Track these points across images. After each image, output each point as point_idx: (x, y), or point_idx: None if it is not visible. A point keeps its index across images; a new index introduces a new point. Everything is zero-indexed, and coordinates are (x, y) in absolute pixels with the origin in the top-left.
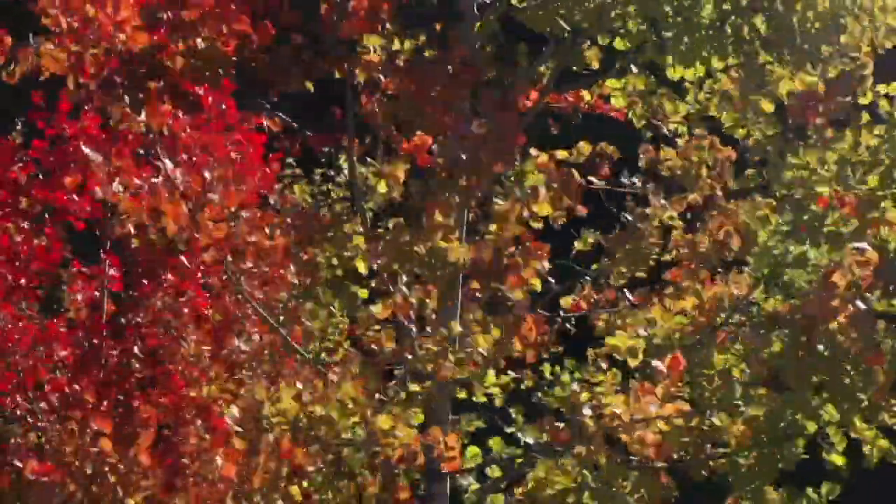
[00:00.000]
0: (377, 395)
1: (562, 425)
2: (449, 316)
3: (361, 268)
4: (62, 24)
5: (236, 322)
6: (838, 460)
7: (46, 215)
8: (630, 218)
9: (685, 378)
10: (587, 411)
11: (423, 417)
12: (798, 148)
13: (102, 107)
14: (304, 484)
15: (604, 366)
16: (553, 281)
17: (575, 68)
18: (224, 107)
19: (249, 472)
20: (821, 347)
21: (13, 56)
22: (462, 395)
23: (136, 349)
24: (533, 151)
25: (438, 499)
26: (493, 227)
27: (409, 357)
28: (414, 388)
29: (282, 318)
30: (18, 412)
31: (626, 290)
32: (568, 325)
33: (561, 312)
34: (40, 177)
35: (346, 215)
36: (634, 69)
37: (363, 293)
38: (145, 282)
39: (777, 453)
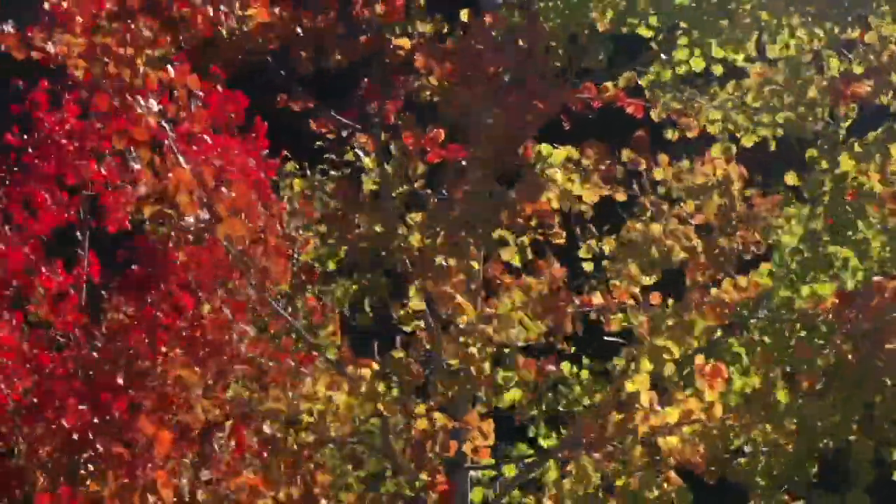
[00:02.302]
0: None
1: (591, 423)
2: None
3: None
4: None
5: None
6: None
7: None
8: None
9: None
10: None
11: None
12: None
13: (81, 99)
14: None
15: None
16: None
17: (587, 65)
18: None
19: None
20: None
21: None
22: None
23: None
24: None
25: (459, 488)
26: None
27: (439, 345)
28: (445, 380)
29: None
30: None
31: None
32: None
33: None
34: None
35: (371, 205)
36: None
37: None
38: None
39: (808, 459)
